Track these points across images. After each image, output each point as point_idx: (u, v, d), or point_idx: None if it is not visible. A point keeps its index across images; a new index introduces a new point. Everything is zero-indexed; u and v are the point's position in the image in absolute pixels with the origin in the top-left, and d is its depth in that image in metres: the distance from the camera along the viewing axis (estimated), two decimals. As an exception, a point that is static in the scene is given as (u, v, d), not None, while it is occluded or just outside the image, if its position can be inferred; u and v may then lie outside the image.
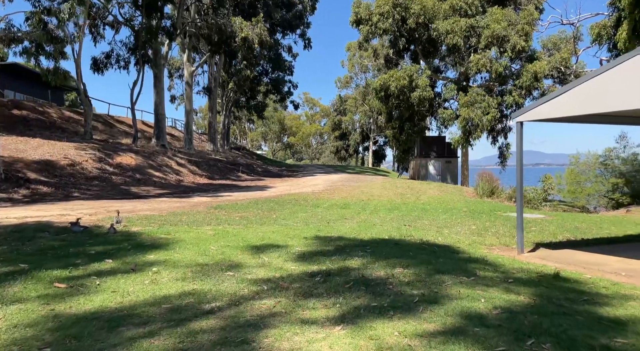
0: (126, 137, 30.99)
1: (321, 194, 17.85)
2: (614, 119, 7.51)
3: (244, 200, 15.27)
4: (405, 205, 15.12)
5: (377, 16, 28.68)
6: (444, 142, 33.74)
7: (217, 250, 7.08)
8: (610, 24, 19.39)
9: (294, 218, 11.36)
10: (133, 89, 28.14)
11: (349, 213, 12.72)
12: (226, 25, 29.98)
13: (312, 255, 6.94)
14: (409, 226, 10.33)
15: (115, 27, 31.81)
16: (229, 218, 10.93)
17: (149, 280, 5.39)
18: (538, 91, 28.92)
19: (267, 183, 25.08)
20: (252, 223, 10.27)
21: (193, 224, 9.73)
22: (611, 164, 24.47)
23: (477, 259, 6.96)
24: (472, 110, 27.57)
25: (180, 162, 25.93)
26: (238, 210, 12.62)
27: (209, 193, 18.60)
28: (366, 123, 66.25)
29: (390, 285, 5.36)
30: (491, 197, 17.95)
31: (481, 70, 28.01)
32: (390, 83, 28.08)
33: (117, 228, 8.43)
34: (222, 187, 22.17)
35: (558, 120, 7.37)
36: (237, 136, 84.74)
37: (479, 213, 13.29)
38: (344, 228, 9.75)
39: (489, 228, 10.21)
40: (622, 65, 6.12)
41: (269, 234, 8.68)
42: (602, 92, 6.28)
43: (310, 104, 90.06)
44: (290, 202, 15.28)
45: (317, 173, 35.08)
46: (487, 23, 27.58)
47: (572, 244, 8.72)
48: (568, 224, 11.16)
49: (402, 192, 18.74)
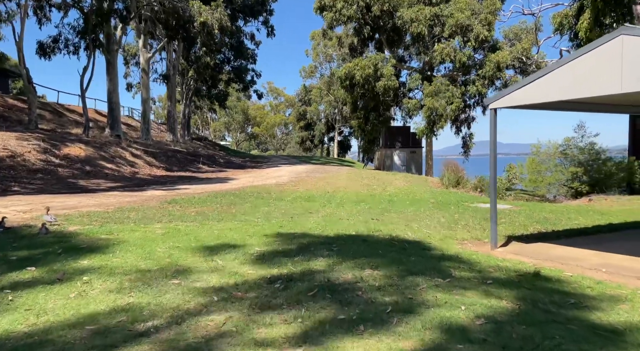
0: (77, 127, 29.17)
1: (285, 186, 17.13)
2: (593, 107, 7.15)
3: (202, 194, 14.36)
4: (372, 197, 14.62)
5: (342, 2, 27.98)
6: (408, 132, 33.59)
7: (165, 253, 6.28)
8: (572, 13, 19.44)
9: (255, 213, 10.62)
10: (83, 76, 26.42)
11: (314, 207, 12.08)
12: (184, 9, 28.50)
13: (272, 256, 6.25)
14: (377, 220, 9.79)
15: (63, 9, 29.80)
16: (184, 214, 10.07)
17: (76, 293, 4.56)
18: (500, 81, 29.09)
19: (228, 175, 24.10)
20: (209, 220, 9.46)
21: (141, 221, 8.83)
22: (570, 154, 24.81)
23: (451, 256, 6.46)
24: (436, 100, 27.41)
25: (135, 153, 24.55)
26: (194, 205, 11.75)
27: (165, 186, 17.53)
28: (331, 113, 65.67)
29: (359, 291, 4.75)
30: (457, 188, 17.73)
31: (445, 59, 27.85)
32: (355, 72, 27.53)
33: (50, 227, 7.46)
34: (180, 179, 21.07)
35: (533, 107, 6.94)
36: (199, 126, 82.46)
37: (447, 204, 12.93)
38: (309, 224, 9.09)
39: (459, 221, 9.80)
40: (599, 48, 5.70)
41: (226, 232, 7.92)
42: (579, 76, 5.85)
43: (274, 94, 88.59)
44: (252, 195, 14.49)
45: (281, 164, 34.24)
46: (451, 12, 27.38)
47: (544, 236, 8.40)
48: (536, 215, 10.93)
49: (368, 183, 18.26)
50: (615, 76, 5.44)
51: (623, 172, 21.31)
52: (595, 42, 5.73)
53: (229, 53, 44.82)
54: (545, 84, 6.02)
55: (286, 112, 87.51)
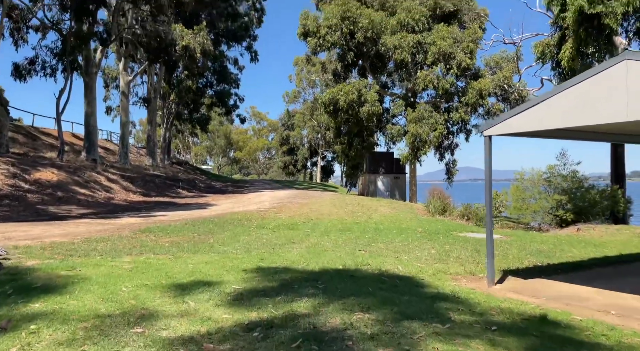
0: (52, 151, 28.17)
1: (267, 213, 16.51)
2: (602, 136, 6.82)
3: (179, 221, 13.65)
4: (358, 225, 14.09)
5: (325, 29, 28.00)
6: (392, 157, 33.39)
7: (130, 292, 5.61)
8: (553, 42, 19.64)
9: (235, 244, 9.97)
10: (59, 98, 25.62)
11: (297, 236, 11.49)
12: (166, 32, 28.19)
13: (251, 296, 5.63)
14: (364, 251, 9.24)
15: (41, 31, 29.21)
16: (157, 245, 9.37)
17: (18, 347, 3.87)
18: (483, 108, 29.24)
19: (208, 200, 23.35)
20: (184, 251, 8.79)
21: (109, 254, 8.11)
22: (554, 181, 24.78)
23: (447, 296, 5.92)
24: (420, 126, 27.32)
25: (111, 178, 23.67)
26: (169, 234, 11.04)
27: (141, 212, 16.74)
28: (314, 138, 65.56)
29: (350, 341, 4.17)
30: (443, 215, 17.35)
31: (428, 86, 27.92)
32: (339, 97, 27.36)
33: (4, 262, 6.71)
34: (157, 205, 20.26)
35: (530, 134, 6.58)
36: (181, 150, 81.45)
37: (435, 233, 12.47)
38: (292, 256, 8.49)
39: (450, 253, 9.31)
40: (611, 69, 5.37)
41: (201, 266, 7.26)
42: (582, 102, 5.51)
43: (257, 118, 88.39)
44: (232, 222, 13.83)
45: (264, 189, 33.59)
46: (433, 39, 27.60)
47: (541, 271, 7.95)
48: (529, 246, 10.52)
49: (353, 210, 17.76)
50: (620, 103, 5.11)
51: (607, 201, 21.29)
52: (598, 67, 5.41)
53: (211, 77, 44.57)
54: (546, 109, 5.66)
55: (269, 136, 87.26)
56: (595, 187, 22.68)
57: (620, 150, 23.24)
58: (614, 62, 5.20)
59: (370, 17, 27.48)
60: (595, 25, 15.78)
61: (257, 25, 45.12)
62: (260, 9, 44.26)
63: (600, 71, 5.36)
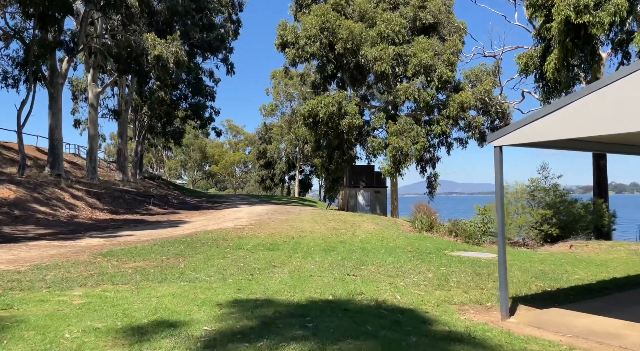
0: (13, 165, 26.40)
1: (244, 230, 15.39)
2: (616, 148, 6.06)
3: (147, 242, 12.43)
4: (342, 243, 13.12)
5: (304, 39, 27.31)
6: (373, 171, 32.71)
7: (73, 341, 4.49)
8: (537, 54, 19.33)
9: (208, 269, 8.87)
10: (21, 110, 24.06)
11: (278, 258, 10.45)
12: (137, 42, 27.00)
13: (226, 341, 4.59)
14: (354, 276, 8.27)
15: (3, 40, 27.59)
16: (118, 272, 8.20)
17: None
18: (464, 121, 28.91)
19: (182, 217, 22.04)
20: (148, 280, 7.65)
21: (59, 286, 6.92)
22: (538, 196, 24.40)
23: (462, 336, 5.00)
24: (401, 139, 26.72)
25: (76, 194, 22.14)
26: (134, 258, 9.85)
27: (106, 232, 15.39)
28: (292, 152, 64.56)
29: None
30: (430, 232, 16.56)
31: (409, 98, 27.43)
32: (319, 109, 26.57)
33: None
34: (125, 223, 18.89)
35: (549, 145, 5.78)
36: (154, 165, 79.26)
37: (426, 253, 11.61)
38: (273, 284, 7.47)
39: (449, 277, 8.42)
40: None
41: (167, 300, 6.16)
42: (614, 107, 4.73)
43: (233, 132, 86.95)
44: (207, 242, 12.69)
45: (240, 204, 32.32)
46: (414, 51, 27.22)
47: (552, 297, 7.13)
48: (530, 267, 9.74)
49: (336, 227, 16.79)
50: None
51: (591, 215, 20.94)
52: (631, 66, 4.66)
53: (186, 89, 43.33)
54: (575, 114, 4.87)
55: (246, 150, 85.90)
56: (578, 200, 22.35)
57: (603, 163, 23.04)
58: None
59: (350, 28, 26.93)
60: (581, 35, 15.46)
61: (233, 38, 44.27)
62: (237, 20, 43.50)
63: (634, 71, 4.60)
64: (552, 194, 23.55)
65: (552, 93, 19.47)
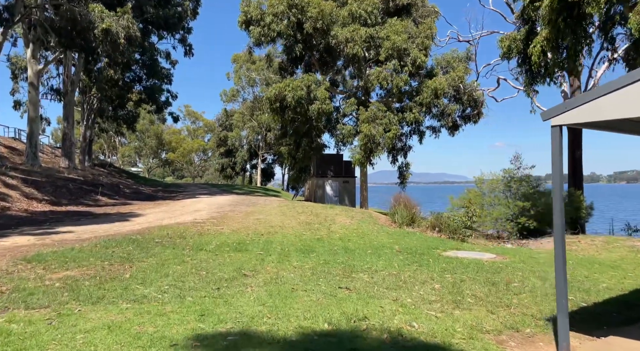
0: None
1: (205, 225, 13.47)
2: None
3: (89, 241, 10.35)
4: (320, 242, 11.47)
5: (271, 17, 25.20)
6: (341, 160, 31.18)
7: None
8: (520, 36, 18.24)
9: (161, 280, 7.01)
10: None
11: (249, 262, 8.69)
12: (83, 14, 24.09)
13: None
14: (348, 290, 6.64)
15: None
16: (39, 287, 6.22)
17: None
18: (437, 108, 27.79)
19: (134, 209, 19.74)
20: (78, 300, 5.74)
21: (-57, 316, 4.92)
22: (514, 186, 23.59)
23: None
24: (373, 127, 25.26)
25: (10, 183, 19.40)
26: (67, 264, 7.84)
27: (41, 227, 13.10)
28: (254, 139, 62.14)
29: None
30: (412, 226, 15.19)
31: (382, 83, 25.96)
32: (286, 93, 24.63)
33: None
34: (67, 215, 16.51)
35: (617, 124, 4.31)
36: (106, 151, 74.76)
37: (418, 254, 10.15)
38: (247, 304, 5.72)
39: (461, 288, 6.94)
40: None
41: (97, 338, 4.32)
42: None
43: (192, 118, 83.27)
44: (161, 240, 10.74)
45: (200, 194, 30.06)
46: (387, 34, 25.71)
47: (595, 317, 5.78)
48: (542, 272, 8.43)
49: (307, 221, 15.13)
50: None
51: (568, 207, 20.28)
52: None
53: (140, 71, 40.21)
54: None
55: (205, 137, 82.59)
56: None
57: (578, 154, 22.47)
58: None
59: (320, 6, 25.05)
60: (574, 14, 14.40)
61: (192, 17, 41.33)
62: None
63: None
64: (525, 185, 22.84)
65: (536, 78, 18.47)
